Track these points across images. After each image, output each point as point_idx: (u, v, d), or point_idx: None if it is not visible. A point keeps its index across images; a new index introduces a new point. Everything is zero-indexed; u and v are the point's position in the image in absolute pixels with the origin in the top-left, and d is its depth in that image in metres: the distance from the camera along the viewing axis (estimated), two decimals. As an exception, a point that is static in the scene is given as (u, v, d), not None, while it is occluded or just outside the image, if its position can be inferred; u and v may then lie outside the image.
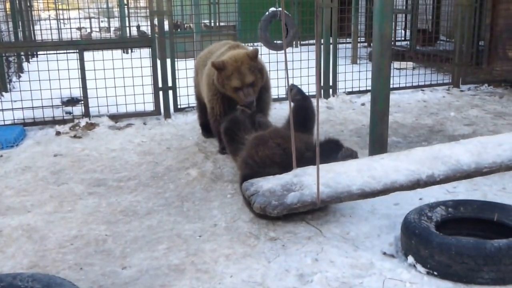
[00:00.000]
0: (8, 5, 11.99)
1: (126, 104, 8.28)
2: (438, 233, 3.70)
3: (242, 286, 3.63)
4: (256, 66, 6.17)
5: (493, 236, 3.84)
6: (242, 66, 6.04)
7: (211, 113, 6.48)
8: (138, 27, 17.83)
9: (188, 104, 8.67)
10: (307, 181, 3.02)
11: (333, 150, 5.00)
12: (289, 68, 8.66)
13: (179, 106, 8.72)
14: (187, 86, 8.39)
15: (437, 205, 4.13)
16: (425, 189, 4.51)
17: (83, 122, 7.87)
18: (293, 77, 9.09)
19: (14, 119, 7.78)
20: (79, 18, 16.87)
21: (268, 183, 2.96)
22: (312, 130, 5.61)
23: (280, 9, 9.35)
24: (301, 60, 9.13)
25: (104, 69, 8.07)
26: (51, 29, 13.87)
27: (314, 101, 8.90)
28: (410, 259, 3.78)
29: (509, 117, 8.14)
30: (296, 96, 5.87)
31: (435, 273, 3.62)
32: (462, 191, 5.10)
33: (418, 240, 3.68)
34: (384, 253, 4.01)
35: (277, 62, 8.47)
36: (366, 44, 16.27)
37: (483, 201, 4.32)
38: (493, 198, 4.87)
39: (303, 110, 5.79)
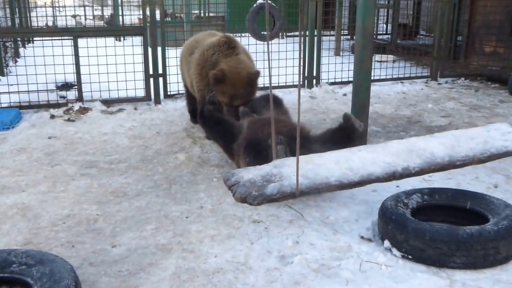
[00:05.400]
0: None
1: (118, 89, 8.42)
2: (414, 219, 3.82)
3: (226, 265, 3.75)
4: (251, 91, 6.17)
5: (465, 223, 3.95)
6: (239, 86, 6.02)
7: (201, 101, 6.57)
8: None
9: (178, 91, 8.81)
10: (286, 172, 3.13)
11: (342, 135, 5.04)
12: (275, 58, 8.82)
13: (169, 93, 8.85)
14: (177, 74, 8.47)
15: (413, 192, 4.26)
16: (401, 178, 4.63)
17: (76, 106, 7.98)
18: (278, 67, 9.23)
19: (10, 102, 7.92)
20: (74, 6, 16.86)
21: (248, 174, 3.07)
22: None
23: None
24: (286, 51, 9.24)
25: (97, 56, 8.17)
26: (46, 16, 13.88)
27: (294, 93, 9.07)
28: (386, 243, 3.90)
29: (484, 110, 8.29)
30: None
31: (410, 257, 3.75)
32: (437, 179, 5.22)
33: (394, 225, 3.80)
34: (362, 237, 4.14)
35: (263, 52, 8.57)
36: (349, 37, 16.42)
37: (457, 189, 4.44)
38: (466, 186, 5.02)
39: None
